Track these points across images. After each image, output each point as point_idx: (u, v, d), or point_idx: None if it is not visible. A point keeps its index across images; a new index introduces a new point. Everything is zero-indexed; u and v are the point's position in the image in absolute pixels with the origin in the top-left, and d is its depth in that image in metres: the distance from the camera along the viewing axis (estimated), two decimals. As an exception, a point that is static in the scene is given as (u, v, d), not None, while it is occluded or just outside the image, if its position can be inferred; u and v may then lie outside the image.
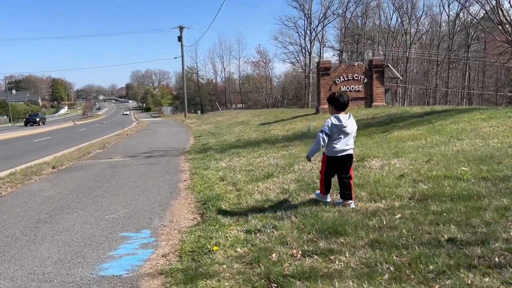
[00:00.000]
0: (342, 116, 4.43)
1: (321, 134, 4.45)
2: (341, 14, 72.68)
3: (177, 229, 4.46)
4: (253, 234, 3.89)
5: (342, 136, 4.41)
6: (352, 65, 18.45)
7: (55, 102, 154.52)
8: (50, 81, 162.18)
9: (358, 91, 18.31)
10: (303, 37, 75.13)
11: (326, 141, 4.45)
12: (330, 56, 77.76)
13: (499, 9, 13.62)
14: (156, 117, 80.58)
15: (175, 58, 76.45)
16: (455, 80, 70.17)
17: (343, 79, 18.17)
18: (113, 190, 6.94)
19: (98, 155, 12.76)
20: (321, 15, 73.15)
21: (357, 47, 75.04)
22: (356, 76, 18.21)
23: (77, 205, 5.90)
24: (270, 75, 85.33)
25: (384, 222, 3.65)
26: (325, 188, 4.64)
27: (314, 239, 3.49)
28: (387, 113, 13.32)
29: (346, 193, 4.46)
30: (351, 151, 4.52)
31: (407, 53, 69.98)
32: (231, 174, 7.24)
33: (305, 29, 74.40)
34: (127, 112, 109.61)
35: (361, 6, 71.56)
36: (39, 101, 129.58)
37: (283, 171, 6.76)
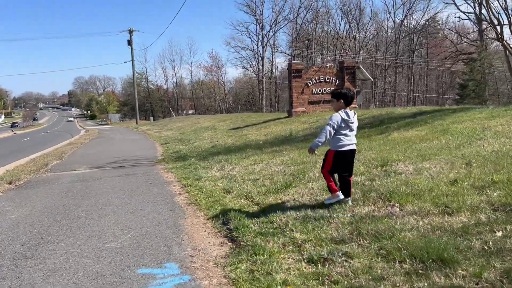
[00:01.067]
0: (350, 111, 4.51)
1: (328, 127, 4.44)
2: (291, 19, 73.43)
3: (210, 260, 3.51)
4: (320, 265, 3.07)
5: (348, 131, 4.48)
6: (324, 67, 18.10)
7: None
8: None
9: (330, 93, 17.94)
10: (255, 42, 75.09)
11: (332, 134, 4.45)
12: (282, 61, 78.34)
13: (488, 7, 13.76)
14: (103, 124, 76.85)
15: (125, 62, 73.57)
16: (402, 84, 73.26)
17: (315, 81, 17.75)
18: (97, 209, 5.78)
19: (58, 167, 11.26)
20: (272, 20, 73.59)
21: (307, 52, 76.24)
22: (328, 78, 17.86)
23: (59, 230, 4.73)
24: (224, 80, 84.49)
25: (491, 243, 2.95)
26: (335, 183, 4.56)
27: (420, 271, 2.71)
28: (370, 114, 12.96)
29: (347, 191, 4.48)
30: (355, 146, 4.61)
31: (356, 58, 72.05)
32: (235, 185, 6.33)
33: (257, 34, 74.47)
34: (71, 119, 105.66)
35: (311, 12, 72.74)
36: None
37: (299, 180, 5.97)
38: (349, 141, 4.48)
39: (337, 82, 18.03)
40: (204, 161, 9.73)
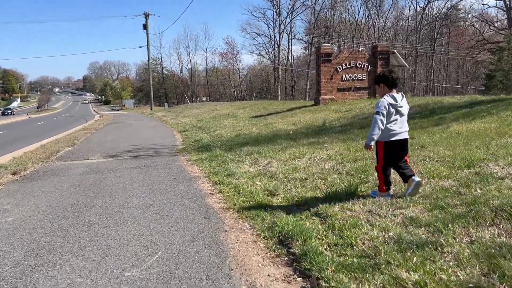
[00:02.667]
0: (397, 94, 4.08)
1: (378, 116, 4.02)
2: (309, 6, 71.38)
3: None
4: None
5: (398, 117, 4.08)
6: (355, 51, 16.71)
7: (6, 94, 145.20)
8: (1, 72, 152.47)
9: (361, 80, 16.61)
10: (272, 28, 73.42)
11: (385, 123, 4.02)
12: (298, 48, 76.91)
13: None
14: (118, 110, 76.33)
15: (140, 47, 72.17)
16: (421, 74, 71.06)
17: (345, 67, 16.40)
18: (112, 212, 4.70)
19: (70, 155, 10.26)
20: (290, 6, 71.71)
21: (324, 40, 74.49)
22: (359, 64, 16.50)
23: (64, 244, 3.66)
24: (239, 67, 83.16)
25: None
26: (386, 183, 4.19)
27: None
28: (415, 103, 11.62)
29: (408, 173, 4.10)
30: (407, 134, 4.21)
31: (376, 47, 69.87)
32: (280, 186, 5.17)
33: (274, 20, 72.76)
34: (86, 101, 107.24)
35: (330, -1, 70.63)
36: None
37: (363, 182, 4.79)
38: (400, 128, 4.09)
39: (369, 68, 16.65)
40: (232, 153, 8.60)
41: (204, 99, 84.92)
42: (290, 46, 76.10)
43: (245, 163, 7.19)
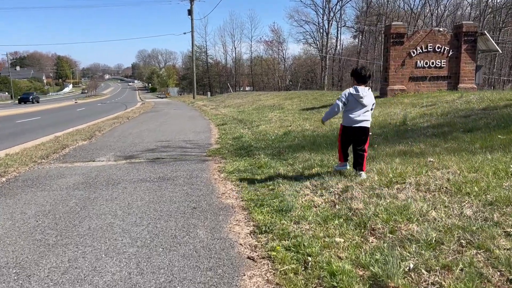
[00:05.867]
0: (361, 87, 4.52)
1: (337, 101, 4.57)
2: (361, -9, 67.00)
3: None
4: None
5: (358, 107, 4.52)
6: (434, 31, 13.52)
7: (60, 80, 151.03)
8: (55, 58, 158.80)
9: (440, 67, 13.44)
10: (321, 15, 69.78)
11: (341, 109, 4.59)
12: (347, 37, 73.40)
13: None
14: (162, 97, 76.00)
15: (184, 33, 70.39)
16: (484, 66, 64.86)
17: (420, 51, 13.30)
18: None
19: (77, 153, 8.17)
20: (340, -8, 67.74)
21: (376, 29, 69.97)
22: (438, 47, 13.33)
23: None
24: (284, 56, 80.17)
25: None
26: (343, 156, 4.82)
27: None
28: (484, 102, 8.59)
29: (359, 164, 4.62)
30: (366, 124, 4.60)
31: (435, 35, 64.52)
32: (389, 257, 2.56)
33: (323, 7, 69.04)
34: (134, 88, 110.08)
35: (384, -16, 65.91)
36: (43, 78, 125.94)
37: None
38: (358, 117, 4.54)
39: (451, 52, 13.43)
40: (282, 162, 6.08)
41: (247, 88, 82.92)
42: (339, 35, 72.31)
43: (305, 184, 4.62)
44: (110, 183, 5.41)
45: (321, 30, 71.25)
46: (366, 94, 4.50)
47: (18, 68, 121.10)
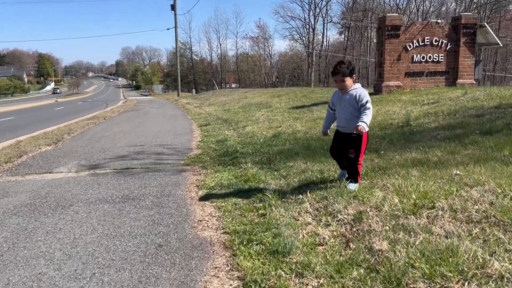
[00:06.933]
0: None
1: (371, 106, 3.92)
2: (347, -13, 66.45)
3: None
4: None
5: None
6: (432, 23, 12.67)
7: (42, 78, 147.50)
8: (37, 56, 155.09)
9: (438, 62, 12.59)
10: (307, 11, 69.04)
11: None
12: (333, 34, 73.07)
13: None
14: (146, 95, 74.37)
15: (168, 29, 68.95)
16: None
17: (417, 44, 12.43)
18: None
19: (35, 161, 7.04)
20: (326, -13, 67.11)
21: (361, 25, 69.65)
22: (435, 40, 12.48)
23: None
24: (270, 52, 79.19)
25: None
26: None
27: None
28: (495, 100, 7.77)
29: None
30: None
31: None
32: None
33: (309, 3, 68.29)
34: (118, 86, 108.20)
35: (369, -19, 65.49)
36: (24, 76, 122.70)
37: None
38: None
39: (449, 46, 12.58)
40: (272, 173, 5.10)
41: (233, 85, 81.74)
42: (325, 31, 71.74)
43: (304, 206, 3.64)
44: (61, 204, 4.34)
45: (307, 26, 70.56)
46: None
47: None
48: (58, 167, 6.51)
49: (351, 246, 2.77)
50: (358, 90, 3.90)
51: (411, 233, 2.79)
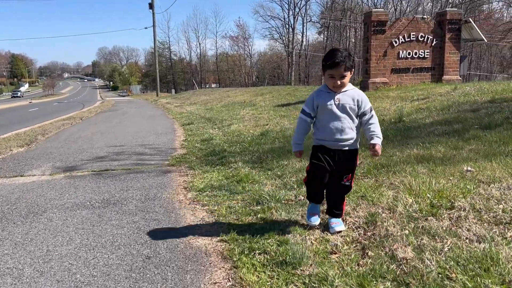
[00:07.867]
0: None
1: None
2: (325, -14, 66.84)
3: None
4: None
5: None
6: (417, 19, 12.55)
7: (15, 79, 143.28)
8: (9, 56, 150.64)
9: (423, 58, 12.48)
10: (286, 11, 69.07)
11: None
12: (312, 33, 73.55)
13: None
14: (124, 96, 72.91)
15: (146, 28, 67.18)
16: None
17: (403, 40, 12.29)
18: None
19: (5, 164, 6.48)
20: (305, -12, 67.31)
21: (340, 24, 70.18)
22: (421, 36, 12.37)
23: None
24: (250, 52, 78.89)
25: None
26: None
27: None
28: (494, 95, 7.64)
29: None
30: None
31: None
32: None
33: (289, 2, 68.34)
34: (96, 87, 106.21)
35: (347, -20, 66.08)
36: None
37: None
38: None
39: (434, 41, 12.49)
40: (266, 172, 4.75)
41: (213, 85, 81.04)
42: (305, 30, 72.07)
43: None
44: (32, 211, 3.86)
45: (287, 26, 70.60)
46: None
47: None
48: (30, 169, 5.98)
49: (369, 254, 2.43)
50: (356, 91, 2.85)
51: (436, 237, 2.47)
